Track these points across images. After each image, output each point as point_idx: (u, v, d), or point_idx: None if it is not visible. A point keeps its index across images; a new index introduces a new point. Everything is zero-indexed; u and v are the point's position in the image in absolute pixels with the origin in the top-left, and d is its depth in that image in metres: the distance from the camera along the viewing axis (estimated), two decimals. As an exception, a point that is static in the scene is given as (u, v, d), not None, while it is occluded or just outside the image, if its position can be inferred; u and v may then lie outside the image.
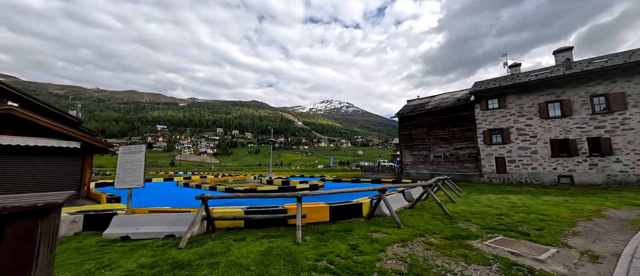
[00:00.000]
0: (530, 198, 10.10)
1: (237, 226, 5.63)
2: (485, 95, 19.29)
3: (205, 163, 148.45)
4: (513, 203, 9.02)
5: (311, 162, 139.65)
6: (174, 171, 57.93)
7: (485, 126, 19.15)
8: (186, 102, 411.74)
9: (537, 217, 6.64)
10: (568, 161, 15.81)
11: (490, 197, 10.64)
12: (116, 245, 4.45)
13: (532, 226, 5.82)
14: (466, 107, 20.69)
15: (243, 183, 22.05)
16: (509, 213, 7.20)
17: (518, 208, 7.96)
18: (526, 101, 17.67)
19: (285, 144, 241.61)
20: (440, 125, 22.18)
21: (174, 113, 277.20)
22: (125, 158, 5.42)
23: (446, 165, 21.38)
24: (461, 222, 6.24)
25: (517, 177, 17.40)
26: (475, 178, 19.37)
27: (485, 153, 18.95)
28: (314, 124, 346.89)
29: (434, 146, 22.24)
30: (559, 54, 19.25)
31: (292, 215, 5.40)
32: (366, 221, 6.24)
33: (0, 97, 21.32)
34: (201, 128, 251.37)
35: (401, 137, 24.66)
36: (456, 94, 24.29)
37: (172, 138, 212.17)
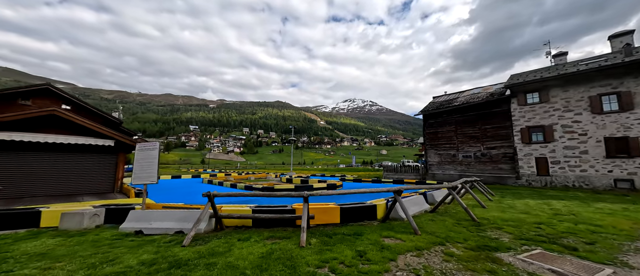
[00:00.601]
0: (579, 205, 8.75)
1: (245, 225, 5.55)
2: (523, 88, 17.34)
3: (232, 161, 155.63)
4: (556, 210, 7.86)
5: (333, 161, 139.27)
6: (203, 168, 61.46)
7: (524, 123, 17.22)
8: (215, 103, 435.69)
9: (587, 228, 5.64)
10: (628, 163, 13.55)
11: (529, 202, 9.43)
12: (128, 239, 4.60)
13: (580, 238, 4.92)
14: (500, 103, 18.81)
15: (264, 181, 22.49)
16: (551, 222, 6.22)
17: (562, 217, 6.88)
18: (574, 94, 15.52)
19: (308, 143, 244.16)
20: (470, 122, 20.47)
21: (205, 114, 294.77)
22: (141, 155, 5.63)
23: (477, 165, 19.68)
24: (490, 230, 5.50)
25: (563, 180, 15.37)
26: (511, 181, 17.54)
27: (524, 153, 17.05)
28: (336, 123, 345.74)
29: (463, 145, 20.61)
30: (616, 39, 16.60)
31: (300, 216, 5.16)
32: (380, 225, 5.79)
33: (57, 101, 24.20)
34: (229, 128, 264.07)
35: (426, 135, 23.27)
36: (489, 89, 22.27)
37: (202, 137, 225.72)
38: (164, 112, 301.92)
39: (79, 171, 10.33)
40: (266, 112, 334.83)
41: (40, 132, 9.59)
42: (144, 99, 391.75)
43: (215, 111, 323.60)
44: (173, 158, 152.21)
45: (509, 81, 18.35)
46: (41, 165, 9.62)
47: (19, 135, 9.04)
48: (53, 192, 9.63)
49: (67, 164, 10.15)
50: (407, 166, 26.83)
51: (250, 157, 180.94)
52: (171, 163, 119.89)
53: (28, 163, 9.40)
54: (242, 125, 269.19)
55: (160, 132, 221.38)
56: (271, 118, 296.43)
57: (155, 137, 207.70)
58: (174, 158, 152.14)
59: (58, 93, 23.47)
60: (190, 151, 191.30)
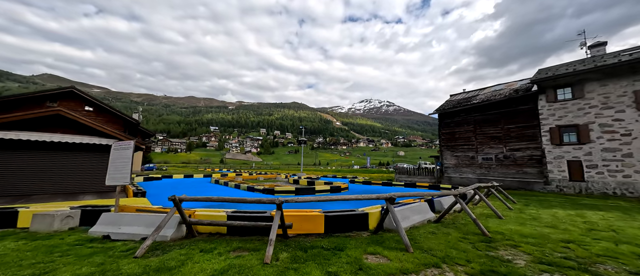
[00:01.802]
0: (621, 218, 7.35)
1: (220, 233, 5.08)
2: (553, 83, 15.50)
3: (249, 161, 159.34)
4: (592, 224, 6.60)
5: (348, 162, 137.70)
6: (218, 168, 63.15)
7: (553, 122, 15.39)
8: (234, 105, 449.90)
9: (631, 250, 4.51)
10: (686, 168, 11.48)
11: (557, 212, 8.12)
12: (87, 246, 4.30)
13: (623, 265, 3.87)
14: (526, 100, 17.02)
15: (271, 182, 22.26)
16: (584, 240, 5.11)
17: (599, 233, 5.69)
18: (614, 89, 13.55)
19: (323, 144, 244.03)
20: (491, 121, 18.78)
21: (224, 116, 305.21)
22: (115, 155, 5.38)
23: (499, 169, 17.97)
24: (503, 249, 4.57)
25: (601, 187, 13.45)
26: (538, 187, 15.74)
27: (553, 155, 15.21)
28: (352, 124, 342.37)
29: (483, 146, 18.94)
30: (670, 23, 14.31)
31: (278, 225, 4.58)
32: (370, 236, 5.06)
33: (81, 103, 25.68)
34: (247, 129, 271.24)
35: (442, 136, 21.77)
36: (512, 85, 20.34)
37: (222, 138, 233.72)
38: (187, 113, 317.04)
39: (83, 170, 10.57)
40: (283, 113, 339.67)
41: (46, 131, 9.90)
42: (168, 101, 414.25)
43: (234, 112, 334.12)
44: (194, 158, 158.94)
45: (536, 76, 16.53)
46: (47, 163, 9.93)
47: (26, 135, 9.36)
48: (58, 190, 9.91)
49: (72, 163, 10.42)
50: (422, 168, 25.37)
51: (267, 158, 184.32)
52: (192, 163, 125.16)
53: (35, 162, 9.73)
54: (260, 126, 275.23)
55: (183, 132, 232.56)
56: (287, 119, 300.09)
57: (178, 137, 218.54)
58: (195, 158, 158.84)
59: (82, 96, 24.95)
60: (211, 151, 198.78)
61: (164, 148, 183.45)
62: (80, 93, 24.58)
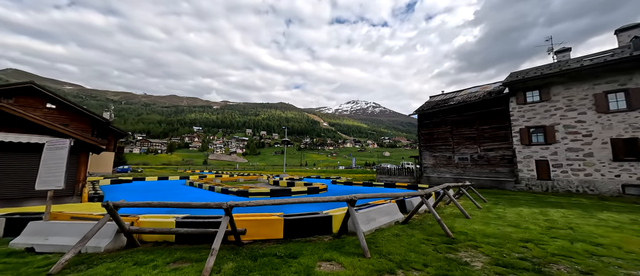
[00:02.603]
0: (580, 215, 7.63)
1: (168, 241, 4.63)
2: (523, 86, 16.17)
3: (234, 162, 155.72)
4: (552, 222, 6.77)
5: (334, 163, 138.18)
6: (200, 169, 60.95)
7: (523, 123, 16.03)
8: (219, 104, 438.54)
9: (585, 248, 4.57)
10: (637, 166, 12.30)
11: (522, 211, 8.32)
12: (1, 260, 3.72)
13: (575, 264, 3.87)
14: (498, 102, 17.65)
15: (253, 184, 21.63)
16: (542, 238, 5.16)
17: (558, 231, 5.80)
18: (577, 92, 14.31)
19: (310, 145, 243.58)
20: (466, 122, 19.32)
21: (208, 116, 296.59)
22: (48, 155, 4.77)
23: (474, 168, 18.50)
24: (464, 250, 4.48)
25: (565, 185, 14.14)
26: (510, 185, 16.33)
27: (523, 155, 15.84)
28: (339, 125, 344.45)
29: (459, 147, 19.44)
30: (624, 32, 15.36)
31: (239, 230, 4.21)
32: (331, 241, 4.82)
33: (41, 100, 23.70)
34: (232, 129, 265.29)
35: (421, 136, 22.16)
36: (487, 87, 21.09)
37: (206, 138, 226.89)
38: (169, 113, 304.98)
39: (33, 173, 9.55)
40: (269, 113, 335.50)
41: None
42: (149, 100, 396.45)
43: (218, 112, 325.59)
44: (176, 159, 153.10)
45: (508, 79, 17.19)
46: (-14, 166, 8.87)
47: (-41, 134, 8.30)
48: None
49: (17, 165, 9.40)
50: (404, 168, 25.70)
51: (253, 158, 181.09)
52: (173, 164, 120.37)
53: (-29, 164, 8.65)
54: (245, 127, 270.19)
55: (165, 132, 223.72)
56: (274, 120, 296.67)
57: (159, 137, 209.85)
58: (176, 159, 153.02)
59: (42, 92, 23.02)
60: (193, 152, 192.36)
61: (143, 149, 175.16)
62: (40, 89, 22.63)
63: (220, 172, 37.44)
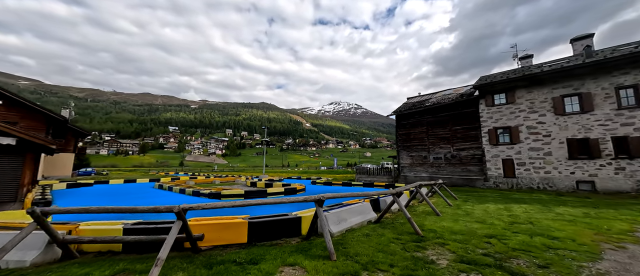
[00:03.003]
0: (540, 210, 8.09)
1: (113, 251, 4.13)
2: (491, 89, 17.10)
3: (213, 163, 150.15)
4: (515, 217, 7.08)
5: (316, 163, 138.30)
6: (175, 171, 57.82)
7: (491, 124, 16.94)
8: (198, 103, 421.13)
9: (543, 242, 4.76)
10: (589, 164, 13.45)
11: (489, 207, 8.68)
12: None
13: (534, 258, 3.98)
14: (470, 103, 18.52)
15: (230, 185, 20.77)
16: (505, 233, 5.33)
17: (519, 225, 6.05)
18: (538, 95, 15.39)
19: (292, 145, 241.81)
20: (441, 123, 20.07)
21: (185, 115, 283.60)
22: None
23: (447, 167, 19.24)
24: (431, 248, 4.47)
25: (528, 182, 15.12)
26: (479, 183, 17.17)
27: (491, 154, 16.73)
28: (322, 126, 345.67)
29: (434, 147, 20.14)
30: (577, 42, 16.81)
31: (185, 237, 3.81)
32: (299, 243, 4.59)
33: (-16, 95, 20.98)
34: (211, 129, 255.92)
35: (399, 136, 22.68)
36: (459, 90, 22.10)
37: (182, 139, 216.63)
38: (141, 112, 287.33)
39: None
40: (251, 113, 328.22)
41: None
42: (119, 98, 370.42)
43: (197, 112, 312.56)
44: (149, 161, 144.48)
45: (478, 82, 18.10)
46: None
47: None
48: None
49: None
50: (384, 168, 26.14)
51: (233, 160, 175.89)
52: (146, 166, 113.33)
53: None
54: (225, 127, 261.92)
55: (137, 132, 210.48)
56: (256, 120, 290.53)
57: (130, 138, 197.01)
58: (149, 161, 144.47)
59: (-16, 86, 20.40)
60: (169, 153, 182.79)
61: (112, 150, 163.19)
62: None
63: (196, 174, 35.71)
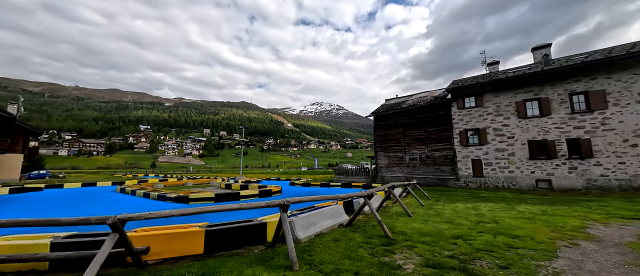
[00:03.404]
0: (504, 208, 8.47)
1: (36, 270, 3.51)
2: (462, 93, 17.91)
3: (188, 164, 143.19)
4: (481, 215, 7.32)
5: (298, 164, 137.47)
6: (144, 173, 54.07)
7: (462, 126, 17.74)
8: (172, 101, 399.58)
9: (505, 241, 4.88)
10: (547, 164, 14.53)
11: (458, 206, 8.94)
12: None
13: (496, 258, 4.02)
14: (443, 106, 19.27)
15: (204, 187, 19.68)
16: (471, 233, 5.42)
17: (485, 225, 6.22)
18: (503, 99, 16.38)
19: (274, 146, 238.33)
20: (416, 125, 20.67)
21: (159, 113, 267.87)
22: None
23: (422, 167, 19.85)
24: (400, 251, 4.38)
25: (494, 181, 16.01)
26: (451, 182, 17.89)
27: (462, 155, 17.51)
28: (303, 126, 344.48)
29: (410, 147, 20.69)
30: (537, 50, 18.17)
31: (125, 252, 3.32)
32: (262, 252, 4.27)
33: None
34: (187, 129, 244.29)
35: (376, 137, 23.02)
36: (434, 93, 22.96)
37: (155, 138, 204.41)
38: (108, 109, 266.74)
39: None
40: (230, 112, 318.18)
41: None
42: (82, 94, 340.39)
43: (171, 110, 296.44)
44: (116, 162, 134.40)
45: (450, 85, 18.88)
46: None
47: None
48: None
49: None
50: (364, 169, 26.39)
51: (211, 160, 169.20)
52: (113, 168, 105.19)
53: None
54: (203, 126, 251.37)
55: (103, 131, 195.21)
56: (235, 120, 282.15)
57: (95, 137, 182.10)
58: (117, 162, 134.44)
59: None
60: (140, 154, 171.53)
61: (73, 150, 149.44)
62: None
63: (167, 176, 33.59)
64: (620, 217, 7.02)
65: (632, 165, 12.53)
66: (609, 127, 13.26)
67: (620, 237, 5.22)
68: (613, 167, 12.99)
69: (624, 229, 5.85)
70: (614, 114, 13.21)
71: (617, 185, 12.77)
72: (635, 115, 12.71)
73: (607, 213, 7.60)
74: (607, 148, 13.20)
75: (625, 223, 6.37)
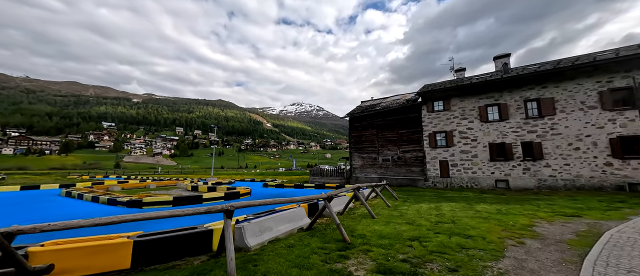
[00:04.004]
0: (464, 208, 8.79)
1: None
2: (431, 96, 18.63)
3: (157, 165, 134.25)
4: (442, 215, 7.48)
5: (276, 165, 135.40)
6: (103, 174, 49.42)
7: (431, 128, 18.43)
8: (142, 97, 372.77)
9: (458, 242, 4.94)
10: (504, 165, 15.56)
11: (422, 207, 9.12)
12: None
13: (447, 261, 4.00)
14: (414, 109, 19.90)
15: (167, 190, 18.29)
16: (428, 235, 5.44)
17: (443, 225, 6.33)
18: (468, 104, 17.29)
19: (252, 146, 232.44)
20: (389, 126, 21.13)
21: (125, 110, 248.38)
22: None
23: (394, 168, 20.31)
24: (355, 256, 4.20)
25: (459, 182, 16.81)
26: (421, 183, 18.49)
27: (431, 156, 18.18)
28: (283, 126, 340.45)
29: (383, 149, 21.09)
30: (498, 59, 19.48)
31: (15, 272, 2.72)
32: (203, 263, 3.84)
33: None
34: (158, 127, 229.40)
35: (351, 138, 23.18)
36: (407, 96, 23.68)
37: (120, 137, 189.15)
38: (65, 103, 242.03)
39: None
40: (206, 111, 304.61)
41: None
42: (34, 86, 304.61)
43: (140, 106, 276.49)
44: (73, 162, 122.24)
45: (421, 89, 19.56)
46: None
47: None
48: None
49: None
50: (342, 169, 26.40)
51: (184, 161, 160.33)
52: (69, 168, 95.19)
53: None
54: (176, 125, 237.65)
55: (58, 128, 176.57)
56: (212, 118, 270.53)
57: (48, 134, 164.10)
58: (74, 162, 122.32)
59: None
60: (102, 153, 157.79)
61: (21, 148, 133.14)
62: None
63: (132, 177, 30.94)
64: (563, 215, 7.58)
65: (575, 166, 13.84)
66: (557, 132, 14.53)
67: (561, 234, 5.55)
68: (560, 168, 14.24)
69: (565, 226, 6.27)
70: (561, 120, 14.51)
71: (563, 185, 14.02)
72: (578, 121, 14.07)
73: (552, 211, 8.18)
74: (555, 151, 14.45)
75: (567, 221, 6.86)
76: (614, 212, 7.92)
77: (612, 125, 13.22)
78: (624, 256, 4.09)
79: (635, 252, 4.23)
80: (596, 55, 14.92)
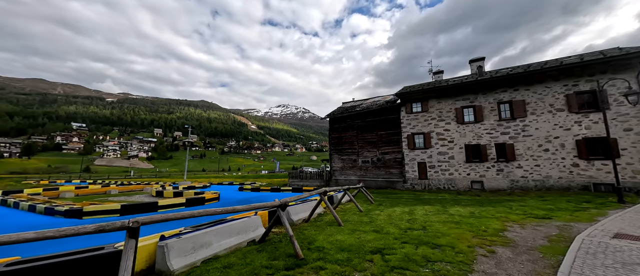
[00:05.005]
0: (437, 211, 8.41)
1: None
2: (410, 98, 18.53)
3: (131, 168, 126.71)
4: (413, 221, 7.00)
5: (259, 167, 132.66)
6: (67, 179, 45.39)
7: (410, 130, 18.31)
8: (116, 97, 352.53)
9: (424, 254, 4.40)
10: (479, 166, 15.65)
11: (395, 210, 8.65)
12: None
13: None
14: (393, 110, 19.73)
15: (131, 195, 16.69)
16: (393, 245, 4.87)
17: (413, 232, 5.82)
18: (445, 105, 17.34)
19: (236, 148, 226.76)
20: (369, 128, 20.82)
21: (98, 110, 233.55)
22: None
23: (374, 170, 19.98)
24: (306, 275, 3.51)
25: (437, 183, 16.73)
26: (399, 185, 18.26)
27: (409, 158, 18.02)
28: (268, 128, 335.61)
29: (363, 150, 20.73)
30: (474, 63, 19.79)
31: None
32: (101, 295, 2.99)
33: None
34: (134, 128, 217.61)
35: (331, 139, 22.66)
36: (387, 97, 23.57)
37: (92, 138, 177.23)
38: (29, 102, 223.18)
39: None
40: (187, 111, 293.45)
41: None
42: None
43: (115, 106, 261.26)
44: (36, 166, 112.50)
45: (400, 91, 19.43)
46: None
47: None
48: None
49: None
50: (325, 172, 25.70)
51: (162, 164, 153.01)
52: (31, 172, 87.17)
53: None
54: (154, 126, 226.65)
55: (20, 129, 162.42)
56: (193, 120, 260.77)
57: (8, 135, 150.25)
58: (38, 166, 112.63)
59: None
60: (70, 156, 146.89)
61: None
62: None
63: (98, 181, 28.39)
64: (534, 217, 7.37)
65: (545, 167, 14.13)
66: (528, 133, 14.82)
67: (533, 240, 5.20)
68: (531, 169, 14.50)
69: (537, 230, 5.97)
70: (531, 122, 14.82)
71: (533, 185, 14.26)
72: (547, 123, 14.42)
73: (524, 213, 7.99)
74: (526, 152, 14.71)
75: (539, 223, 6.61)
76: (582, 213, 7.87)
77: (578, 127, 13.64)
78: (598, 265, 3.73)
79: (609, 260, 3.89)
80: (563, 60, 15.45)
